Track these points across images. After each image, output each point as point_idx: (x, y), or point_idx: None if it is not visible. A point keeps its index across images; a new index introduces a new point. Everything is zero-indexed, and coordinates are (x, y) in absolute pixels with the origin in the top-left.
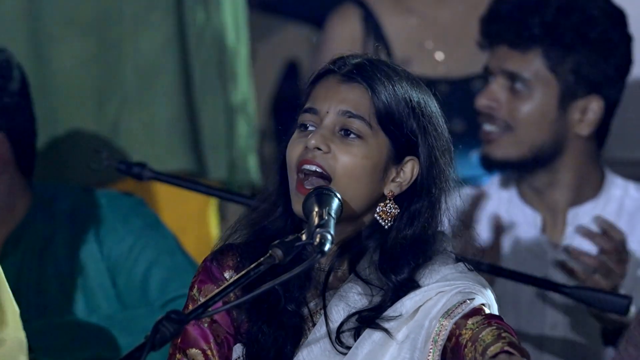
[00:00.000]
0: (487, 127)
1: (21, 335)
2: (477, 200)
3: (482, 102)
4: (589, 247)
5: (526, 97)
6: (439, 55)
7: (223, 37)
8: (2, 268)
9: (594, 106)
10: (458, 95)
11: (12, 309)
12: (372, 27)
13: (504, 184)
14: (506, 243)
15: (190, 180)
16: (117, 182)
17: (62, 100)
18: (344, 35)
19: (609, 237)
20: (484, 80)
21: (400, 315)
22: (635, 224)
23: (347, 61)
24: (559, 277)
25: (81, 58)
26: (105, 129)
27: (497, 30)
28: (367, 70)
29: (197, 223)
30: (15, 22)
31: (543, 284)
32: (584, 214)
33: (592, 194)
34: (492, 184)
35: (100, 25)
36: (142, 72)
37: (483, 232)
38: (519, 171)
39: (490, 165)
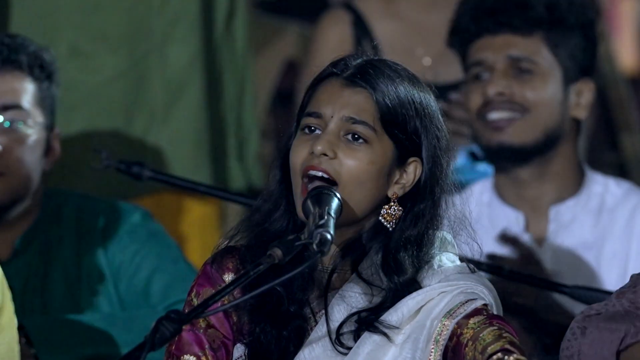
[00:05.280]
0: (496, 115)
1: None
2: None
3: (492, 90)
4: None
5: (535, 80)
6: (427, 61)
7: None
8: (13, 266)
9: (587, 88)
10: (445, 100)
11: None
12: (362, 31)
13: (481, 189)
14: (491, 245)
15: (190, 181)
16: (137, 197)
17: (91, 115)
18: (334, 40)
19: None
20: (473, 78)
21: (398, 328)
22: (615, 220)
23: (349, 63)
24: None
25: (110, 73)
26: (133, 142)
27: (498, 18)
28: (369, 74)
29: (200, 231)
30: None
31: (543, 284)
32: (565, 210)
33: (573, 191)
34: (469, 191)
35: (129, 40)
36: (169, 86)
37: None
38: (526, 159)
39: (504, 154)
